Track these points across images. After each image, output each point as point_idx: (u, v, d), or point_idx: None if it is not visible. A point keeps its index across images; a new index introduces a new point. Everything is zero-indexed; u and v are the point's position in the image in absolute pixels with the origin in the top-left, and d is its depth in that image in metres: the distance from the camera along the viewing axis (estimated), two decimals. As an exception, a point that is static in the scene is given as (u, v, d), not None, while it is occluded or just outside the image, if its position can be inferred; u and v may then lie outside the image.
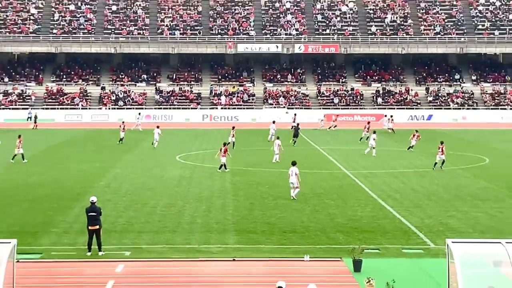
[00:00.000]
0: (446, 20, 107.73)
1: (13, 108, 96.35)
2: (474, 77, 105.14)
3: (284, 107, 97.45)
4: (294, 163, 38.24)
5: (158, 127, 65.08)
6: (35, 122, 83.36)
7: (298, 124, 71.53)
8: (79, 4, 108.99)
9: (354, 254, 25.23)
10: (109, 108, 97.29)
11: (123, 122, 69.33)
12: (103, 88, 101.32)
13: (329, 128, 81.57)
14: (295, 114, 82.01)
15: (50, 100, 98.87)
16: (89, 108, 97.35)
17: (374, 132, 59.19)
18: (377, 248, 27.80)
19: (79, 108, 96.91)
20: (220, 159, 47.81)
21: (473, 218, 33.30)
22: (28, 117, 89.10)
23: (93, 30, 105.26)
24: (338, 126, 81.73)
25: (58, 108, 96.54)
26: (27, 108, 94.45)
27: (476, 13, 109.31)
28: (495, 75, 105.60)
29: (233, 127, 64.99)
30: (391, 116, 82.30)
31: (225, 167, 47.53)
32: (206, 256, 26.83)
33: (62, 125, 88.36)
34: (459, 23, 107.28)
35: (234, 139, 62.04)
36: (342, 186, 41.86)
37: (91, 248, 26.81)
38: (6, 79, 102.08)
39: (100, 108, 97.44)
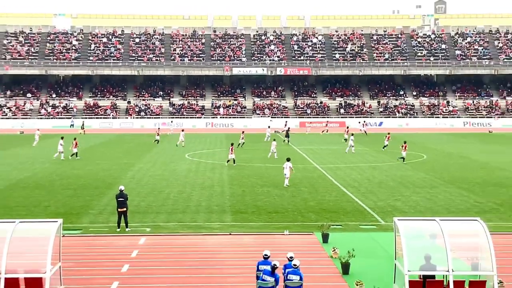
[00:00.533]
0: (393, 49, 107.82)
1: (59, 118, 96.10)
2: (414, 93, 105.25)
3: (269, 116, 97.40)
4: (288, 159, 38.58)
5: (183, 130, 66.87)
6: (82, 128, 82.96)
7: (289, 128, 72.10)
8: (110, 37, 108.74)
9: (323, 229, 25.27)
10: (133, 118, 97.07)
11: (158, 128, 71.42)
12: (129, 102, 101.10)
13: (322, 132, 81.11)
14: (286, 121, 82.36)
15: (88, 112, 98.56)
16: (118, 118, 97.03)
17: (352, 135, 59.54)
18: (340, 225, 27.81)
19: (110, 118, 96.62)
20: (229, 155, 48.29)
21: (414, 201, 33.34)
22: (71, 125, 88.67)
23: (121, 57, 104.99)
24: (326, 131, 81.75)
25: (94, 118, 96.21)
26: (69, 118, 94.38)
27: (416, 43, 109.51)
28: (431, 91, 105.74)
29: (243, 132, 65.39)
30: (364, 121, 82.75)
31: (233, 162, 47.86)
32: (209, 231, 26.82)
33: (97, 130, 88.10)
34: (403, 51, 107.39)
35: (243, 140, 62.57)
36: (313, 177, 41.86)
37: (120, 226, 26.78)
38: (54, 95, 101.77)
39: (127, 118, 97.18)
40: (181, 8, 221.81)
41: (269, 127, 73.35)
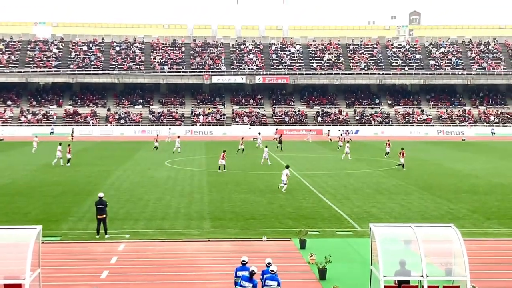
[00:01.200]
0: (368, 59, 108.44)
1: (39, 125, 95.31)
2: (389, 102, 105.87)
3: (248, 124, 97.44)
4: (287, 166, 39.47)
5: (178, 137, 67.37)
6: (72, 136, 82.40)
7: (281, 135, 72.75)
8: (90, 45, 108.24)
9: (300, 235, 25.26)
10: (113, 125, 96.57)
11: (157, 135, 72.46)
12: (109, 110, 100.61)
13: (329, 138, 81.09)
14: (276, 129, 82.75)
15: (68, 119, 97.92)
16: (98, 125, 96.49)
17: (348, 142, 60.02)
18: (317, 231, 27.83)
19: (90, 125, 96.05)
20: (219, 161, 48.46)
21: (389, 207, 33.47)
22: (51, 132, 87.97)
23: (101, 65, 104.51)
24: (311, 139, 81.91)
25: (74, 125, 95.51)
26: (49, 126, 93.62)
27: (391, 53, 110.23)
28: (405, 100, 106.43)
29: (242, 138, 66.15)
30: (347, 131, 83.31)
31: (224, 168, 47.95)
32: (187, 238, 26.72)
33: (77, 138, 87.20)
34: (379, 61, 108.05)
35: (243, 146, 62.89)
36: (291, 184, 41.76)
37: (99, 232, 26.58)
38: (34, 103, 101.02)
39: (107, 125, 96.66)
40: (161, 17, 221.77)
41: (259, 133, 74.49)
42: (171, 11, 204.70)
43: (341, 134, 78.86)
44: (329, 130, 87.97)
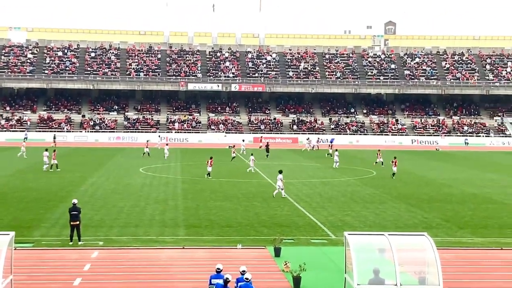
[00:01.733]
0: (344, 68, 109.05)
1: (12, 131, 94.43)
2: (365, 111, 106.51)
3: (223, 131, 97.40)
4: (280, 171, 39.98)
5: (167, 144, 69.13)
6: (54, 141, 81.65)
7: (268, 143, 73.86)
8: (66, 51, 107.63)
9: (275, 243, 25.26)
10: (88, 131, 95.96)
11: (147, 141, 73.41)
12: (83, 116, 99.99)
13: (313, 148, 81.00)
14: (261, 136, 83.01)
15: (42, 125, 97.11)
16: (72, 131, 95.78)
17: (336, 150, 60.99)
18: (292, 239, 27.84)
19: (64, 131, 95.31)
20: (207, 168, 48.69)
21: (364, 216, 33.60)
22: (24, 138, 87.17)
23: (76, 71, 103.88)
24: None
25: (48, 131, 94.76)
26: (23, 131, 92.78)
27: (367, 63, 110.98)
28: (380, 109, 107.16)
29: (234, 146, 67.94)
30: (331, 141, 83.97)
31: (209, 175, 48.30)
32: (162, 245, 26.59)
33: (51, 144, 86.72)
34: (354, 70, 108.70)
35: (235, 154, 64.14)
36: (266, 192, 41.89)
37: (72, 239, 26.36)
38: (8, 108, 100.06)
39: (81, 131, 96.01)
40: (137, 24, 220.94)
41: (243, 140, 75.30)
42: (147, 18, 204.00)
43: (331, 142, 79.34)
44: (318, 138, 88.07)
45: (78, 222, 26.36)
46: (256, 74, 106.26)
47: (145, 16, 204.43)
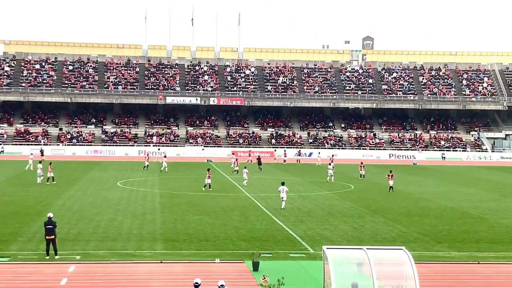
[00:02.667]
0: (322, 82, 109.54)
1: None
2: (343, 125, 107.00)
3: (201, 145, 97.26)
4: (283, 183, 40.89)
5: (165, 156, 69.79)
6: (42, 155, 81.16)
7: (259, 156, 75.43)
8: (43, 64, 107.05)
9: (253, 257, 25.21)
10: (65, 145, 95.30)
11: (148, 154, 76.14)
12: (61, 129, 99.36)
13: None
14: (250, 150, 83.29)
15: (19, 138, 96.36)
16: (50, 144, 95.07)
17: (330, 163, 62.34)
18: (270, 253, 27.81)
19: (41, 144, 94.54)
20: (206, 180, 50.09)
21: (342, 230, 33.66)
22: (1, 151, 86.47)
23: (53, 84, 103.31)
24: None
25: (25, 144, 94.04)
26: (0, 144, 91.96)
27: (345, 77, 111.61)
28: (358, 123, 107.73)
29: (237, 159, 69.18)
30: (319, 153, 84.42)
31: (209, 187, 49.49)
32: (140, 259, 26.42)
33: (28, 157, 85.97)
34: (332, 85, 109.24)
35: (238, 168, 64.71)
36: (244, 206, 41.85)
37: (49, 253, 26.11)
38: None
39: (58, 145, 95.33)
40: (115, 37, 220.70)
41: (232, 153, 76.37)
42: (126, 31, 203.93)
43: (332, 156, 79.70)
44: (319, 153, 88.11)
45: (53, 236, 26.12)
46: (235, 88, 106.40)
47: (123, 29, 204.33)
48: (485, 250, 29.47)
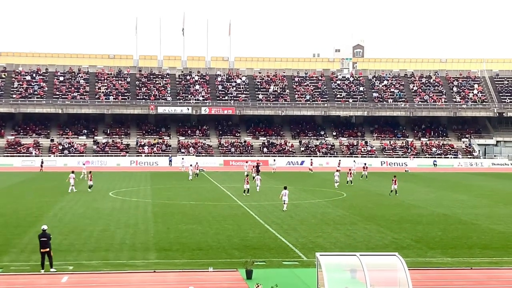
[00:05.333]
0: (313, 91, 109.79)
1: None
2: (334, 133, 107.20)
3: (193, 154, 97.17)
4: (285, 187, 44.00)
5: (191, 165, 72.01)
6: (41, 166, 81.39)
7: (257, 163, 75.18)
8: (34, 75, 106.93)
9: (246, 265, 25.20)
10: (56, 156, 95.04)
11: (193, 164, 74.23)
12: (52, 140, 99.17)
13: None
14: (247, 161, 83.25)
15: (10, 150, 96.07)
16: (41, 156, 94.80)
17: (337, 171, 63.30)
18: (263, 261, 27.79)
19: (33, 156, 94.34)
20: (244, 185, 53.37)
21: (335, 237, 33.69)
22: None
23: (44, 95, 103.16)
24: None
25: (16, 156, 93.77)
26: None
27: (336, 85, 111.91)
28: (350, 131, 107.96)
29: (255, 166, 70.46)
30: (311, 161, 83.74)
31: (247, 192, 52.87)
32: (133, 269, 26.35)
33: (19, 169, 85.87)
34: (323, 93, 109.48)
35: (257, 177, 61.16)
36: (237, 214, 41.85)
37: (44, 266, 25.88)
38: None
39: (50, 156, 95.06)
40: (106, 47, 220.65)
41: (247, 162, 79.19)
42: (116, 41, 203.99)
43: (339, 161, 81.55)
44: (340, 160, 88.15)
45: (48, 249, 25.88)
46: (226, 97, 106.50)
47: (114, 40, 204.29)
48: (478, 256, 29.55)
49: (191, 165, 72.32)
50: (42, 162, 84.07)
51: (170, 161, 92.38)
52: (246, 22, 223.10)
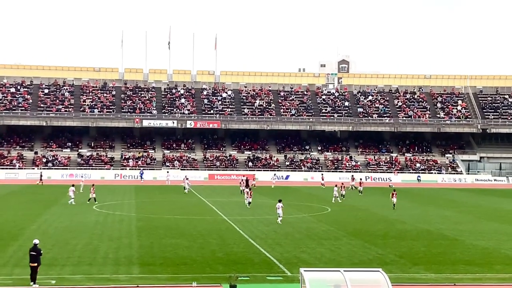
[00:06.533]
0: (299, 105, 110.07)
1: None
2: (319, 148, 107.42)
3: (178, 168, 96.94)
4: (280, 200, 45.30)
5: (187, 178, 72.74)
6: (41, 179, 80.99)
7: (247, 178, 76.21)
8: (18, 87, 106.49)
9: (230, 280, 25.13)
10: (40, 169, 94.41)
11: (185, 177, 75.09)
12: (36, 153, 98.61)
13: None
14: (244, 176, 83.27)
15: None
16: (25, 168, 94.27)
17: (336, 186, 64.11)
18: (248, 276, 27.72)
19: (16, 168, 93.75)
20: (248, 199, 55.49)
21: (319, 252, 33.69)
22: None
23: (29, 107, 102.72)
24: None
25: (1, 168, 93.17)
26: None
27: (321, 100, 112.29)
28: (335, 146, 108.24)
29: (247, 180, 72.89)
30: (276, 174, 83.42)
31: (248, 204, 54.92)
32: (116, 284, 26.19)
33: (2, 181, 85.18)
34: (308, 108, 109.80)
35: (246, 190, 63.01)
36: (221, 229, 41.75)
37: (35, 280, 25.63)
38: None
39: (33, 168, 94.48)
40: (92, 60, 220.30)
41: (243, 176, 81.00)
42: (102, 54, 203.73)
43: (360, 179, 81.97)
44: (322, 174, 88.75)
45: (36, 264, 25.60)
46: (212, 111, 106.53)
47: (99, 52, 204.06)
48: (461, 272, 29.64)
49: (187, 178, 73.32)
50: (41, 175, 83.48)
51: (141, 174, 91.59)
52: (232, 36, 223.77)
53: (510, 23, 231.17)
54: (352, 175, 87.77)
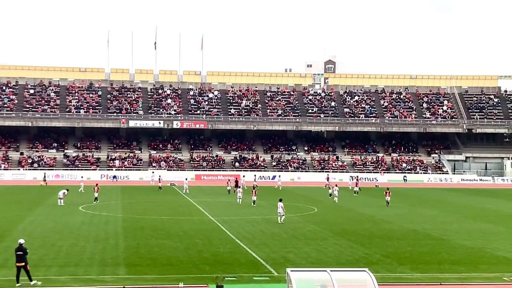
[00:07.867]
0: (285, 106, 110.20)
1: None
2: (306, 148, 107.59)
3: (165, 169, 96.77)
4: (280, 200, 45.61)
5: (186, 179, 73.20)
6: (44, 180, 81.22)
7: (236, 179, 76.31)
8: (4, 87, 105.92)
9: (217, 281, 25.12)
10: (26, 169, 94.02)
11: (159, 176, 78.48)
12: (21, 153, 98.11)
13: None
14: (243, 175, 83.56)
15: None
16: (10, 169, 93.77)
17: (336, 185, 65.07)
18: (234, 276, 27.72)
19: (1, 169, 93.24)
20: (252, 197, 57.13)
21: (306, 252, 33.73)
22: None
23: (14, 107, 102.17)
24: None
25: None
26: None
27: (307, 101, 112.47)
28: (321, 146, 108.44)
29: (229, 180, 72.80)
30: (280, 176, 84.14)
31: (254, 203, 56.44)
32: (102, 285, 26.11)
33: (40, 183, 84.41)
34: (295, 108, 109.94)
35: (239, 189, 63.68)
36: (208, 230, 41.72)
37: (19, 281, 25.55)
38: None
39: (19, 169, 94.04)
40: (77, 61, 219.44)
41: (243, 176, 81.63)
42: (88, 55, 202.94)
43: (356, 178, 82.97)
44: (328, 174, 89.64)
45: (23, 263, 25.55)
46: (198, 111, 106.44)
47: (85, 53, 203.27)
48: (447, 271, 29.78)
49: (186, 179, 73.66)
50: (45, 176, 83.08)
51: (114, 177, 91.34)
52: (219, 36, 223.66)
53: (495, 24, 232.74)
54: (351, 176, 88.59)
